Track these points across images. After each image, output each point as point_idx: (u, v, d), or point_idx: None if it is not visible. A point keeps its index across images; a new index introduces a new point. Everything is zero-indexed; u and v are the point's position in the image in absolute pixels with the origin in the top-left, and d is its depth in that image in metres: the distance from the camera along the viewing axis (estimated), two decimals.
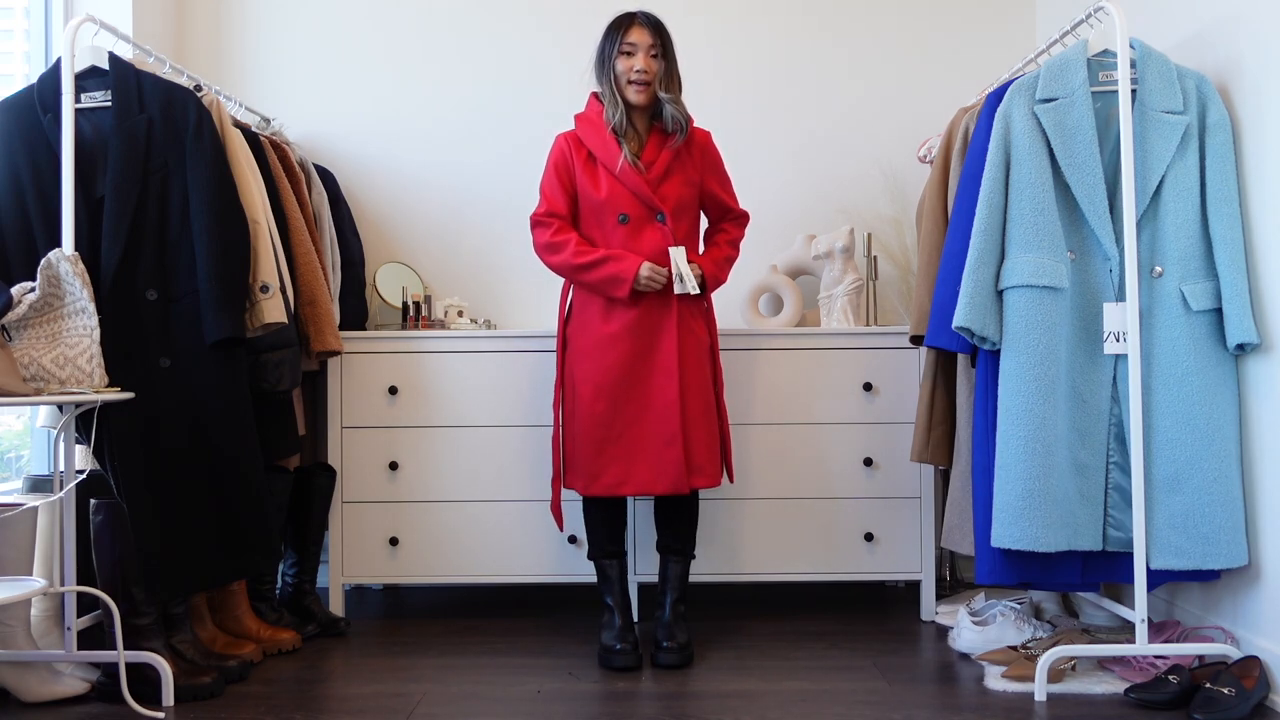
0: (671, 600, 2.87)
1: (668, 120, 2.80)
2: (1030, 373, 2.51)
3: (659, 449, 2.75)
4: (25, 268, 2.58)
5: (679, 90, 2.84)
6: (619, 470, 2.77)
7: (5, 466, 3.16)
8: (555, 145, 2.90)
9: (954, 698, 2.52)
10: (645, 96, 2.78)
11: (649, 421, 2.77)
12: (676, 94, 2.82)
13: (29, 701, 2.48)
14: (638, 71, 2.76)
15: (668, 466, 2.75)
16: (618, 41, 2.79)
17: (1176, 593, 2.86)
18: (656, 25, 2.81)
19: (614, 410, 2.78)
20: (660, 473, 2.75)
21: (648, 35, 2.78)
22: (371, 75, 3.77)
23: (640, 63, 2.76)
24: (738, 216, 3.00)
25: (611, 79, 2.79)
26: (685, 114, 2.82)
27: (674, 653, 2.76)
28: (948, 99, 3.45)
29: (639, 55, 2.76)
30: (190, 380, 2.65)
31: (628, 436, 2.77)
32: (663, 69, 2.79)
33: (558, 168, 2.86)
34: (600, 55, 2.83)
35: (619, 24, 2.81)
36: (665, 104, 2.78)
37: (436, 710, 2.45)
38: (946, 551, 3.58)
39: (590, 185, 2.81)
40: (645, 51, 2.77)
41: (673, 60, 2.83)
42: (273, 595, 3.04)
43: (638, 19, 2.81)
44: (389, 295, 3.56)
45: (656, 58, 2.78)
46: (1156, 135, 2.55)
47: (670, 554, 2.91)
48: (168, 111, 2.68)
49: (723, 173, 2.97)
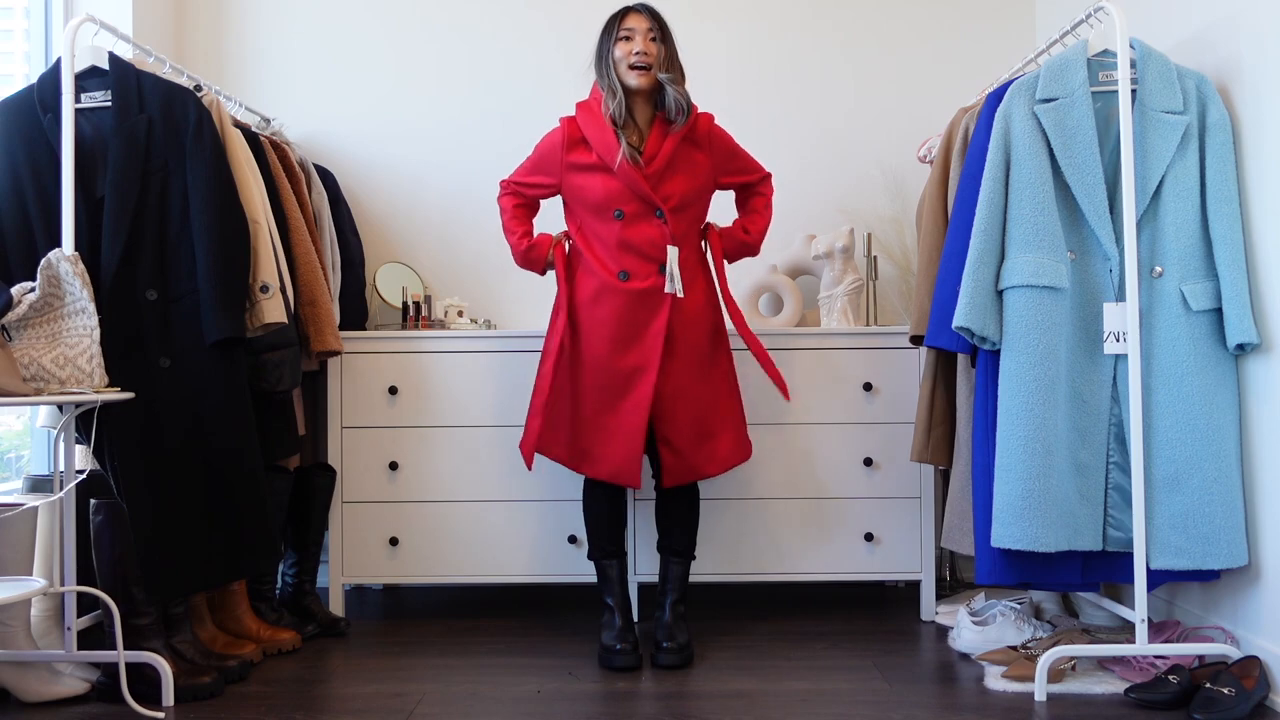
0: (671, 600, 2.87)
1: (670, 106, 2.75)
2: (1030, 373, 2.51)
3: (624, 438, 2.75)
4: (25, 268, 2.58)
5: (682, 77, 2.80)
6: (583, 447, 2.80)
7: (5, 466, 3.16)
8: (552, 133, 2.86)
9: (954, 698, 2.52)
10: (646, 79, 2.73)
11: (622, 410, 2.76)
12: (679, 78, 2.78)
13: (29, 701, 2.47)
14: (637, 54, 2.72)
15: (626, 458, 2.75)
16: (615, 30, 2.77)
17: (1176, 593, 2.86)
18: (653, 11, 2.79)
19: (593, 391, 2.78)
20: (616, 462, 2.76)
21: (645, 20, 2.77)
22: (371, 75, 3.77)
23: (639, 45, 2.73)
24: (763, 179, 2.99)
25: (610, 65, 2.76)
26: (687, 98, 2.77)
27: (674, 653, 2.76)
28: (948, 99, 3.45)
29: (637, 38, 2.74)
30: (190, 380, 2.65)
31: (598, 420, 2.78)
32: (662, 53, 2.75)
33: (544, 160, 2.86)
34: (599, 47, 2.80)
35: (616, 15, 2.81)
36: (666, 85, 2.73)
37: (436, 710, 2.46)
38: (946, 551, 3.58)
39: (584, 179, 2.78)
40: (644, 35, 2.74)
41: (672, 45, 2.79)
42: (273, 595, 3.04)
43: (634, 7, 2.80)
44: (389, 295, 3.56)
45: (656, 41, 2.75)
46: (1156, 135, 2.55)
47: (671, 554, 2.91)
48: (168, 111, 2.68)
49: (735, 151, 2.92)
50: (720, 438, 2.84)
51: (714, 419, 2.84)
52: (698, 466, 2.82)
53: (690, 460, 2.80)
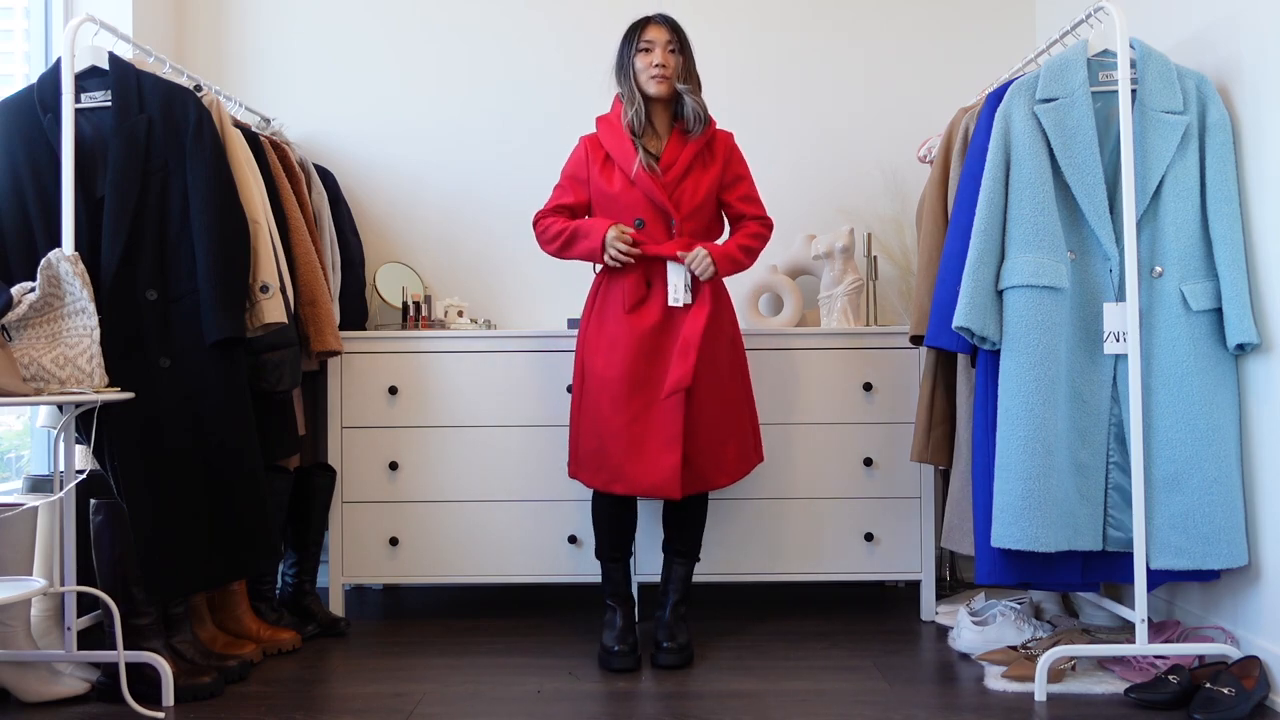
0: (673, 601, 2.87)
1: (689, 116, 2.82)
2: (1030, 373, 2.51)
3: (656, 451, 2.74)
4: (25, 268, 2.58)
5: (698, 88, 2.87)
6: (614, 467, 2.77)
7: (5, 466, 3.16)
8: (575, 149, 2.93)
9: (954, 698, 2.52)
10: (665, 88, 2.80)
11: (651, 422, 2.76)
12: (696, 88, 2.85)
13: (29, 701, 2.48)
14: (656, 66, 2.80)
15: (663, 470, 2.72)
16: (635, 41, 2.84)
17: (1176, 593, 2.86)
18: (673, 24, 2.86)
19: (617, 408, 2.77)
20: (654, 475, 2.73)
21: (665, 32, 2.83)
22: (371, 75, 3.77)
23: (659, 57, 2.80)
24: (760, 217, 2.96)
25: (631, 76, 2.83)
26: (705, 108, 2.84)
27: (674, 653, 2.76)
28: (948, 99, 3.45)
29: (657, 50, 2.81)
30: (190, 380, 2.65)
31: (628, 435, 2.76)
32: (680, 64, 2.83)
33: (573, 176, 2.91)
34: (619, 58, 2.87)
35: (636, 25, 2.87)
36: (685, 95, 2.81)
37: (436, 710, 2.46)
38: (946, 551, 3.58)
39: (607, 187, 2.83)
40: (663, 47, 2.81)
41: (690, 58, 2.87)
42: (273, 595, 3.04)
43: (654, 19, 2.87)
44: (389, 295, 3.56)
45: (674, 53, 2.83)
46: (1156, 135, 2.55)
47: (676, 556, 2.91)
48: (168, 111, 2.68)
49: (745, 178, 2.94)
50: (729, 446, 2.83)
51: (725, 429, 2.83)
52: (708, 477, 2.81)
53: (700, 469, 2.79)
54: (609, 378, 2.77)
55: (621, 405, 2.75)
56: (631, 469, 2.74)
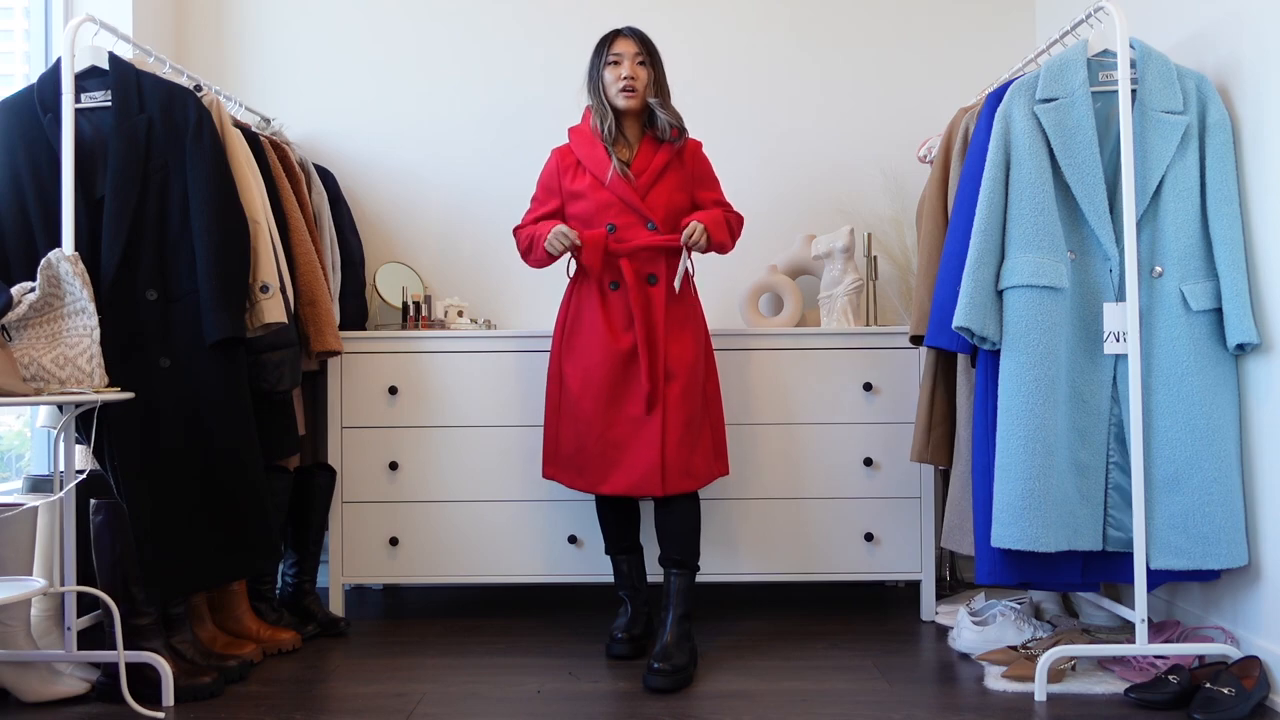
0: (675, 617, 2.75)
1: (662, 128, 2.83)
2: (1030, 373, 2.51)
3: (637, 450, 2.73)
4: (25, 268, 2.58)
5: (668, 99, 2.87)
6: (598, 469, 2.77)
7: (5, 466, 3.16)
8: (547, 161, 2.94)
9: (954, 698, 2.52)
10: (635, 101, 2.81)
11: (628, 422, 2.75)
12: (666, 100, 2.86)
13: (29, 701, 2.48)
14: (625, 78, 2.80)
15: (643, 468, 2.71)
16: (604, 54, 2.85)
17: (1176, 593, 2.86)
18: (641, 36, 2.86)
19: (596, 409, 2.77)
20: (635, 473, 2.72)
21: (633, 44, 2.84)
22: (371, 75, 3.77)
23: (627, 69, 2.81)
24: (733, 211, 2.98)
25: (600, 89, 2.84)
26: (678, 118, 2.85)
27: (663, 675, 2.59)
28: (948, 99, 3.45)
29: (625, 63, 2.82)
30: (190, 380, 2.65)
31: (608, 436, 2.76)
32: (650, 76, 2.84)
33: (546, 187, 2.92)
34: (590, 70, 2.88)
35: (605, 39, 2.87)
36: (655, 109, 2.82)
37: (436, 710, 2.46)
38: (946, 551, 3.58)
39: (580, 195, 2.84)
40: (631, 59, 2.82)
41: (660, 69, 2.88)
42: (273, 595, 3.04)
43: (623, 31, 2.87)
44: (389, 295, 3.56)
45: (644, 65, 2.83)
46: (1156, 135, 2.55)
47: (672, 566, 2.82)
48: (168, 111, 2.68)
49: (711, 181, 2.96)
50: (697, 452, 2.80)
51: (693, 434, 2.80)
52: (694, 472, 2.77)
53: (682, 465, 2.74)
54: (588, 381, 2.78)
55: (602, 408, 2.76)
56: (613, 470, 2.75)
